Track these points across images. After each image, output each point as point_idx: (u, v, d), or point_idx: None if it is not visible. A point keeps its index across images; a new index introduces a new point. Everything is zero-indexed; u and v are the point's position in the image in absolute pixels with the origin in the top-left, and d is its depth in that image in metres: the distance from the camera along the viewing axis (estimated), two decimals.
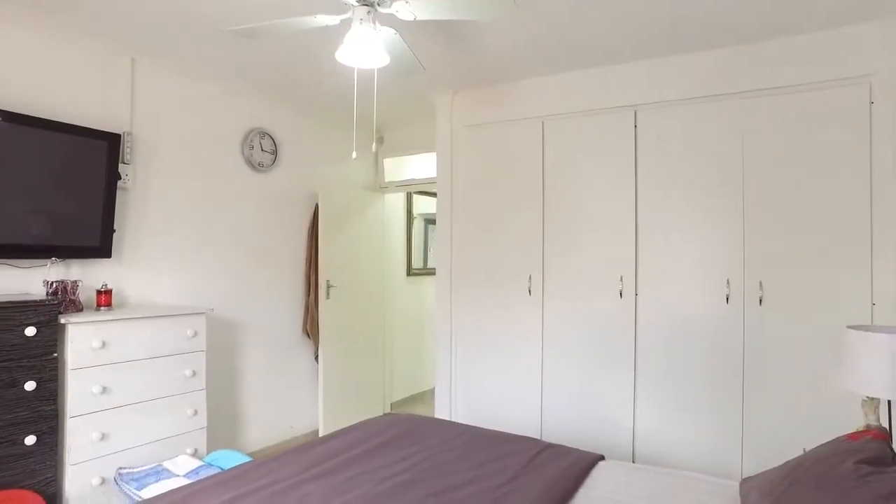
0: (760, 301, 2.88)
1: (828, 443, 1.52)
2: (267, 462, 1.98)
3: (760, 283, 2.88)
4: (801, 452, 2.45)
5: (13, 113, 2.56)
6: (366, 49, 2.08)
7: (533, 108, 3.58)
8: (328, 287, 4.21)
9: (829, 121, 2.76)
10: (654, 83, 3.18)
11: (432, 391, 5.50)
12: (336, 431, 2.33)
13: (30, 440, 2.35)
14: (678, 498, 1.72)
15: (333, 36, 2.84)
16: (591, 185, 3.37)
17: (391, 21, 2.41)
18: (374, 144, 2.57)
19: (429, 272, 5.65)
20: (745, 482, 1.64)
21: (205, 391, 3.07)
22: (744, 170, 2.94)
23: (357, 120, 4.47)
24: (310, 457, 1.99)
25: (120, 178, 3.04)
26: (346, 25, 2.48)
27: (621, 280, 3.26)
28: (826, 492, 1.24)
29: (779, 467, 1.55)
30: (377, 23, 2.09)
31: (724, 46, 2.98)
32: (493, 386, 3.68)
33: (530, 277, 3.56)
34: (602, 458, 2.10)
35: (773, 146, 2.88)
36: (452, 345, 3.85)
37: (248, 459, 2.66)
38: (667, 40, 2.92)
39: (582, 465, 1.96)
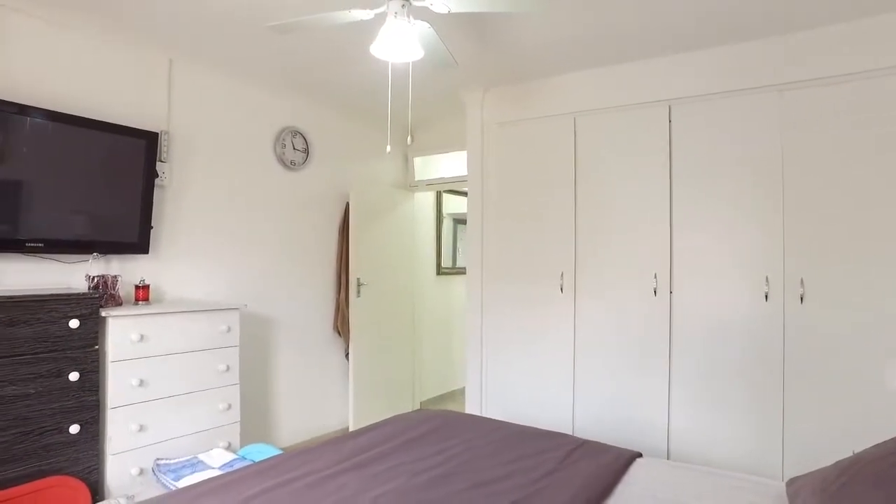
0: (802, 299, 2.79)
1: (885, 442, 1.45)
2: (302, 454, 1.99)
3: (802, 280, 2.80)
4: (849, 454, 2.37)
5: (58, 112, 2.63)
6: (400, 43, 2.08)
7: (565, 104, 3.55)
8: (359, 285, 4.23)
9: (874, 112, 2.67)
10: (688, 77, 3.12)
11: (461, 390, 5.48)
12: (369, 426, 2.33)
13: (74, 429, 2.41)
14: (722, 496, 1.67)
15: (366, 34, 2.86)
16: (624, 181, 3.32)
17: (425, 14, 2.41)
18: (409, 137, 2.56)
19: (458, 271, 5.64)
20: (792, 482, 1.58)
21: (238, 386, 3.11)
22: (783, 163, 2.86)
23: (389, 116, 4.49)
24: (344, 449, 1.99)
25: (157, 176, 3.10)
26: (380, 20, 2.48)
27: (655, 278, 3.20)
28: (885, 490, 1.19)
29: (829, 467, 1.50)
30: (411, 16, 2.09)
31: (762, 37, 2.91)
32: (524, 384, 3.65)
33: (562, 275, 3.52)
34: (640, 455, 2.05)
35: (815, 139, 2.79)
36: (483, 343, 3.83)
37: (280, 453, 2.68)
38: (702, 32, 2.86)
39: (620, 461, 1.92)
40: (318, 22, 2.17)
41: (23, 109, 2.50)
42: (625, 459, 1.95)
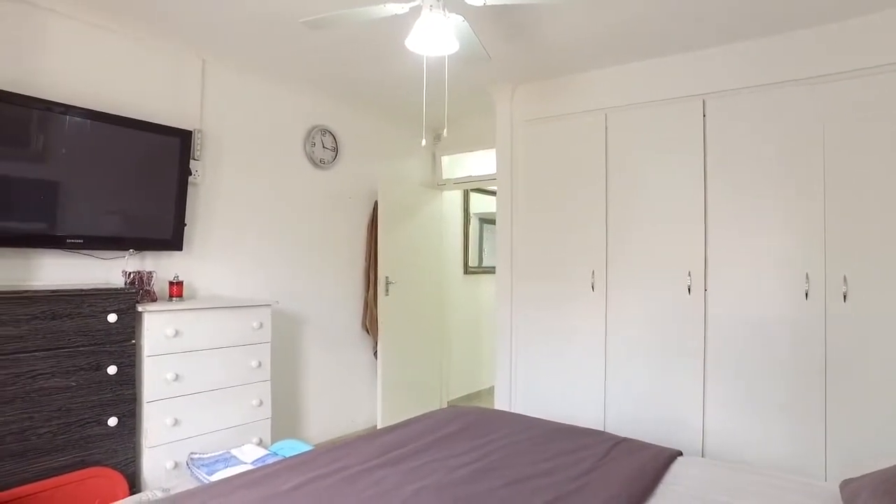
0: (845, 297, 2.71)
1: None
2: (335, 449, 1.99)
3: (845, 277, 2.71)
4: None
5: (96, 111, 2.68)
6: (435, 36, 2.07)
7: (596, 100, 3.51)
8: (387, 283, 4.23)
9: None
10: (724, 71, 3.06)
11: (489, 390, 5.46)
12: (401, 422, 2.32)
13: (112, 422, 2.45)
14: (769, 497, 1.62)
15: (396, 30, 2.86)
16: (656, 177, 3.27)
17: (459, 8, 2.40)
18: (444, 130, 2.55)
19: (485, 271, 5.61)
20: (847, 483, 1.53)
21: (269, 382, 3.13)
22: (825, 158, 2.78)
23: (417, 114, 4.48)
24: (378, 445, 1.98)
25: (191, 174, 3.14)
26: (414, 14, 2.48)
27: (689, 275, 3.14)
28: None
29: (889, 468, 1.44)
30: (446, 10, 2.08)
31: (802, 28, 2.83)
32: (555, 382, 3.61)
33: (593, 273, 3.47)
34: (680, 453, 2.01)
35: (859, 131, 2.71)
36: (512, 341, 3.80)
37: (312, 449, 2.68)
38: (737, 24, 2.80)
39: (660, 460, 1.88)
40: (353, 17, 2.17)
41: (64, 108, 2.56)
42: (665, 458, 1.91)
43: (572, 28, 2.86)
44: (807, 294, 2.80)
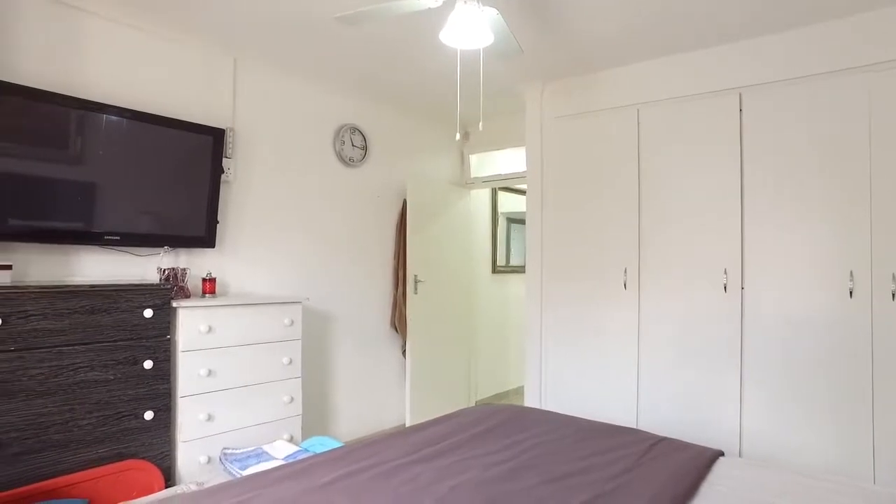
0: (893, 295, 2.61)
1: None
2: (370, 445, 1.98)
3: (894, 275, 2.61)
4: None
5: (132, 110, 2.72)
6: (470, 29, 2.05)
7: (627, 95, 3.45)
8: (416, 282, 4.22)
9: None
10: (760, 63, 2.98)
11: (516, 390, 5.41)
12: (435, 419, 2.30)
13: (148, 415, 2.48)
14: (825, 501, 1.56)
15: (428, 28, 2.85)
16: (691, 173, 3.20)
17: (492, 1, 2.38)
18: (480, 124, 2.54)
19: (512, 270, 5.57)
20: None
21: (300, 379, 3.14)
22: (871, 150, 2.69)
23: (445, 113, 4.47)
24: (412, 441, 1.97)
25: (223, 172, 3.17)
26: (447, 8, 2.47)
27: (725, 273, 3.07)
28: None
29: None
30: (480, 2, 2.06)
31: (843, 17, 2.74)
32: (586, 382, 3.55)
33: (626, 271, 3.42)
34: (722, 453, 1.95)
35: None
36: (543, 340, 3.76)
37: (345, 445, 2.68)
38: (774, 15, 2.72)
39: (702, 459, 1.83)
40: (387, 11, 2.17)
41: (101, 107, 2.60)
42: (707, 458, 1.85)
43: (604, 22, 2.82)
44: (851, 292, 2.71)
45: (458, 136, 2.19)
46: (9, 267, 2.30)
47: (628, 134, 3.44)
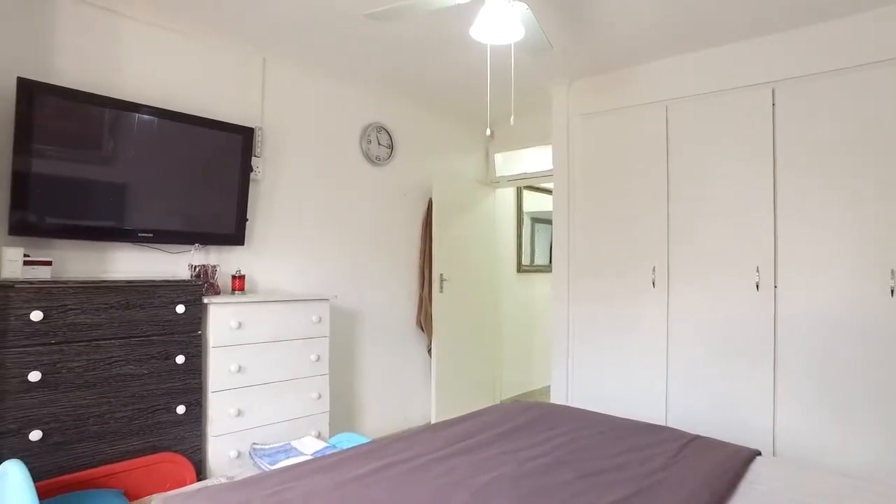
0: None
1: None
2: (401, 440, 1.98)
3: None
4: None
5: (164, 109, 2.77)
6: (500, 24, 2.05)
7: (656, 92, 3.41)
8: (441, 280, 4.22)
9: None
10: (795, 56, 2.92)
11: (541, 390, 5.38)
12: (465, 415, 2.29)
13: (180, 409, 2.51)
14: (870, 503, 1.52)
15: (456, 25, 2.85)
16: (721, 170, 3.15)
17: None
18: (511, 118, 2.53)
19: (537, 269, 5.54)
20: None
21: (328, 376, 3.16)
22: None
23: (471, 111, 4.46)
24: (445, 436, 1.96)
25: (252, 171, 3.20)
26: (475, 4, 2.47)
27: (758, 271, 3.01)
28: None
29: None
30: None
31: (878, 7, 2.67)
32: (613, 381, 3.52)
33: (654, 269, 3.37)
34: (759, 453, 1.91)
35: None
36: (569, 338, 3.73)
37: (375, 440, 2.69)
38: (809, 6, 2.66)
39: (739, 458, 1.79)
40: (417, 7, 2.17)
41: (135, 107, 2.65)
42: (745, 457, 1.82)
43: (634, 16, 2.79)
44: (893, 291, 2.63)
45: (489, 132, 2.19)
46: (49, 263, 2.35)
47: (657, 131, 3.40)
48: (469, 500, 1.43)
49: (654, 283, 3.37)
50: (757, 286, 3.01)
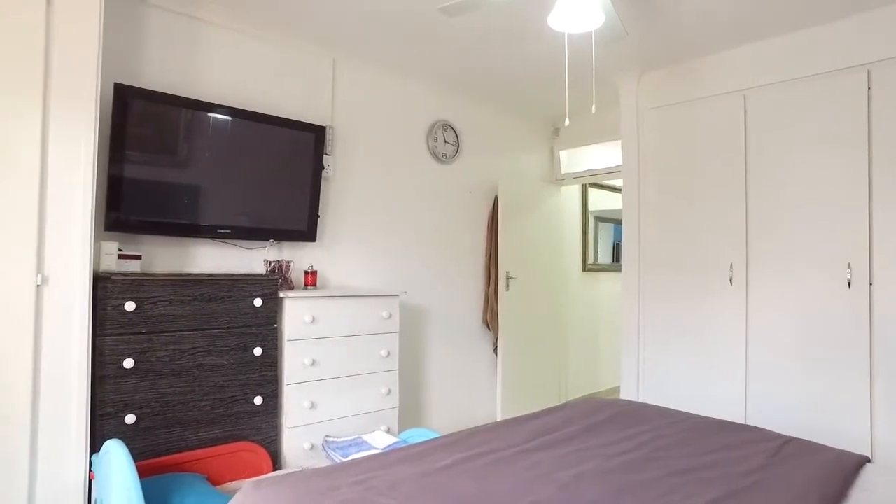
0: None
1: None
2: (479, 433, 1.95)
3: None
4: None
5: (240, 109, 2.86)
6: (579, 11, 2.00)
7: (732, 81, 3.26)
8: (507, 279, 4.18)
9: None
10: (895, 34, 2.71)
11: (608, 391, 5.24)
12: (542, 410, 2.24)
13: (258, 400, 2.58)
14: None
15: (527, 18, 2.81)
16: (806, 160, 2.97)
17: None
18: (593, 106, 2.48)
19: (601, 268, 5.42)
20: None
21: (397, 371, 3.17)
22: None
23: (536, 108, 4.41)
24: (526, 430, 1.92)
25: (323, 168, 3.26)
26: None
27: (849, 268, 2.81)
28: None
29: None
30: None
31: None
32: (687, 383, 3.37)
33: (732, 265, 3.22)
34: (868, 460, 1.77)
35: None
36: (640, 338, 3.61)
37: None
38: None
39: (848, 463, 1.67)
40: None
41: (213, 108, 2.75)
42: (854, 462, 1.69)
43: (707, 2, 2.66)
44: None
45: (566, 122, 2.14)
46: (138, 257, 2.47)
47: (734, 121, 3.24)
48: (557, 493, 1.39)
49: (731, 280, 3.22)
50: (848, 284, 2.82)
